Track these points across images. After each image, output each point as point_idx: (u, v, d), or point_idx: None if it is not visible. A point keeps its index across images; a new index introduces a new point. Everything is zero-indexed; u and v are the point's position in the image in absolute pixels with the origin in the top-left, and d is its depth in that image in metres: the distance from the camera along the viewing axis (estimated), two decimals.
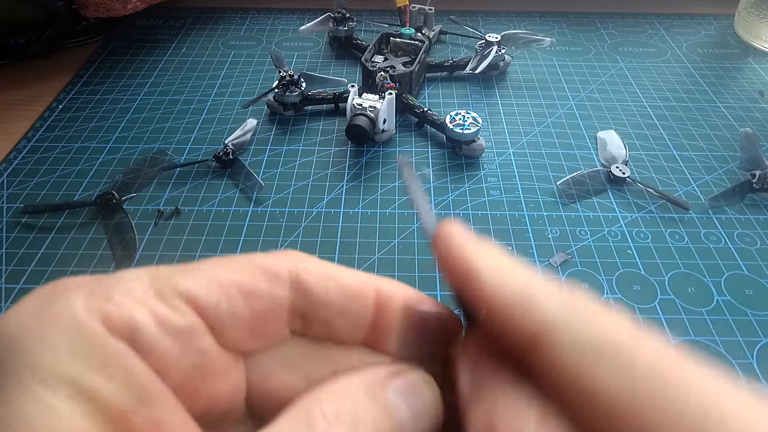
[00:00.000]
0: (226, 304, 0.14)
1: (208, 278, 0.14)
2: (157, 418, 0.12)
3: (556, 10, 0.67)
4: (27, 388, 0.11)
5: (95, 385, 0.11)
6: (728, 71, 0.55)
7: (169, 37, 0.61)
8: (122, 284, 0.13)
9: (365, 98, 0.42)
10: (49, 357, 0.11)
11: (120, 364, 0.12)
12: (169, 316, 0.13)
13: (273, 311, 0.15)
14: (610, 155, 0.43)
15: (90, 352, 0.12)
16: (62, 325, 0.12)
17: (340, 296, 0.15)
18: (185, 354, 0.13)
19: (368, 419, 0.13)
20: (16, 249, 0.36)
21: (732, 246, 0.36)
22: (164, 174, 0.42)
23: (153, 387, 0.12)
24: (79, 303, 0.12)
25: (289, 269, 0.15)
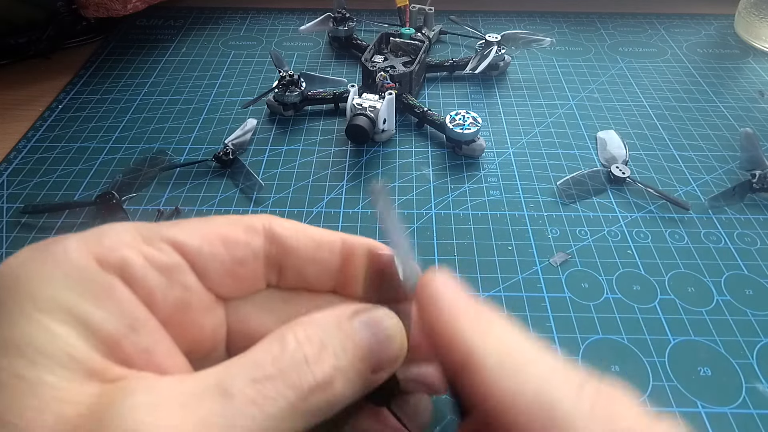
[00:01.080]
0: (207, 248, 0.15)
1: (190, 228, 0.16)
2: (146, 344, 0.13)
3: (556, 10, 0.67)
4: (28, 315, 0.12)
5: (88, 312, 0.13)
6: (728, 71, 0.55)
7: (169, 37, 0.61)
8: (112, 232, 0.14)
9: (365, 98, 0.42)
10: (47, 289, 0.12)
11: (111, 295, 0.13)
12: (155, 254, 0.14)
13: (250, 258, 0.16)
14: (610, 155, 0.43)
15: (83, 284, 0.13)
16: (58, 263, 0.13)
17: (309, 245, 0.17)
18: (171, 288, 0.15)
19: (336, 341, 0.14)
20: (16, 249, 0.36)
21: (732, 246, 0.36)
22: (164, 174, 0.42)
23: (142, 316, 0.14)
24: (73, 245, 0.14)
25: (263, 223, 0.17)
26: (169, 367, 0.14)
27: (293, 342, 0.13)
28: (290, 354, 0.13)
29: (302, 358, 0.13)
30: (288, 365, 0.13)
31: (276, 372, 0.13)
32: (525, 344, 0.12)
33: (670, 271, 0.34)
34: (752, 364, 0.29)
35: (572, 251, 0.36)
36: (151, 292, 0.14)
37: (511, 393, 0.12)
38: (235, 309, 0.17)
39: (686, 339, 0.31)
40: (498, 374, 0.12)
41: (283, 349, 0.13)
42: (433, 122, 0.45)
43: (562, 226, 0.37)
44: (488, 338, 0.13)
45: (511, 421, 0.12)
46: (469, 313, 0.13)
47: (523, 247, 0.36)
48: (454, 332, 0.13)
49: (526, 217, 0.38)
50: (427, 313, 0.15)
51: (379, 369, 0.15)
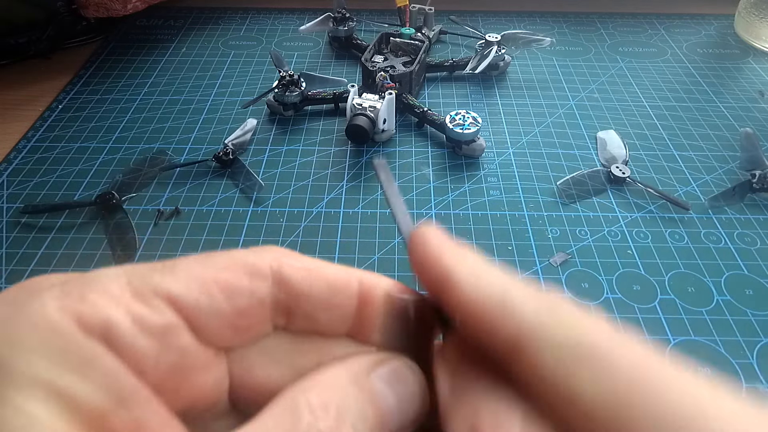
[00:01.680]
0: (206, 301, 0.14)
1: (187, 276, 0.14)
2: (137, 418, 0.12)
3: (556, 10, 0.67)
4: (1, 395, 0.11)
5: (71, 386, 0.11)
6: (728, 71, 0.55)
7: (169, 37, 0.61)
8: (97, 283, 0.13)
9: (365, 98, 0.42)
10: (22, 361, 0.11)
11: (96, 365, 0.12)
12: (146, 314, 0.13)
13: (255, 307, 0.14)
14: (610, 155, 0.43)
15: (64, 353, 0.11)
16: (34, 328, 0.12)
17: (323, 290, 0.15)
18: (164, 352, 0.13)
19: (354, 407, 0.13)
20: (16, 249, 0.36)
21: (732, 246, 0.36)
22: (164, 174, 0.42)
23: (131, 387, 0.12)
24: (51, 304, 0.12)
25: (270, 265, 0.15)
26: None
27: (306, 413, 0.12)
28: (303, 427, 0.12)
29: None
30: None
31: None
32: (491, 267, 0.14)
33: (670, 271, 0.34)
34: (752, 364, 0.29)
35: (572, 251, 0.36)
36: (142, 358, 0.13)
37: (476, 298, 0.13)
38: (239, 357, 0.15)
39: (686, 339, 0.31)
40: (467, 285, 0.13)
41: (296, 420, 0.12)
42: (433, 122, 0.45)
43: (562, 226, 0.37)
44: (462, 262, 0.14)
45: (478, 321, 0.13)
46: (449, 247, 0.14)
47: (523, 247, 0.36)
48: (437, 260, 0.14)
49: (526, 217, 0.38)
50: (417, 253, 0.15)
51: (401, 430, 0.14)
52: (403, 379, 0.14)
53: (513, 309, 0.12)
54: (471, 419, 0.12)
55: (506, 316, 0.12)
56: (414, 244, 0.15)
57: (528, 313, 0.12)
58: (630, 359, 0.11)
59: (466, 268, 0.14)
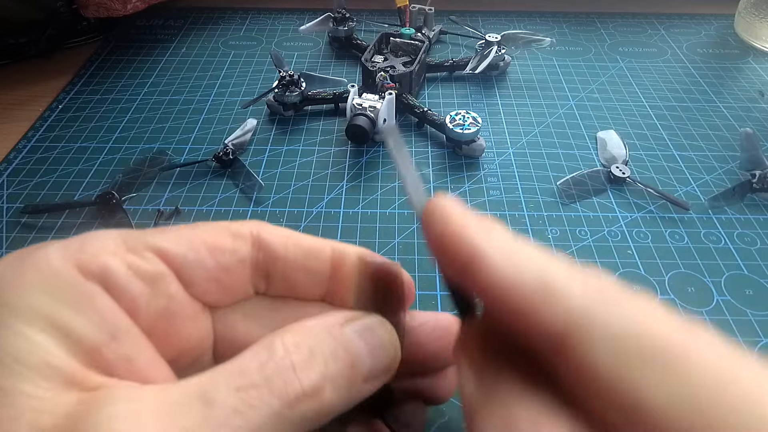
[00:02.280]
0: (192, 255, 0.15)
1: (176, 236, 0.15)
2: (128, 353, 0.13)
3: (556, 10, 0.67)
4: (5, 323, 0.12)
5: (68, 319, 0.12)
6: (728, 71, 0.55)
7: (169, 37, 0.61)
8: (95, 239, 0.14)
9: (365, 98, 0.42)
10: (26, 297, 0.12)
11: (92, 303, 0.13)
12: (139, 262, 0.14)
13: (236, 265, 0.16)
14: (610, 155, 0.43)
15: (63, 291, 0.13)
16: (38, 270, 0.13)
17: (298, 253, 0.16)
18: (154, 297, 0.14)
19: (326, 349, 0.14)
20: (16, 249, 0.36)
21: (732, 246, 0.36)
22: (164, 174, 0.42)
23: (123, 324, 0.13)
24: (54, 253, 0.13)
25: (251, 230, 0.16)
26: (151, 376, 0.13)
27: (281, 349, 0.13)
28: (277, 361, 0.13)
29: (289, 365, 0.13)
30: (274, 372, 0.12)
31: (261, 380, 0.12)
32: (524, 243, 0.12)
33: (670, 271, 0.34)
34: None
35: (572, 251, 0.36)
36: (134, 300, 0.14)
37: (512, 281, 0.11)
38: (222, 317, 0.16)
39: None
40: (500, 266, 0.12)
41: (270, 356, 0.13)
42: (433, 122, 0.45)
43: (562, 226, 0.37)
44: (491, 238, 0.12)
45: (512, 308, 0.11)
46: (473, 221, 0.13)
47: None
48: (461, 236, 0.13)
49: (526, 217, 0.38)
50: (434, 226, 0.13)
51: (371, 378, 0.15)
52: (374, 332, 0.15)
53: (556, 294, 0.11)
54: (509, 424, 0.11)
55: (549, 302, 0.11)
56: (430, 217, 0.14)
57: (575, 299, 0.10)
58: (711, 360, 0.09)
59: (496, 245, 0.12)
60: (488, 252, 0.12)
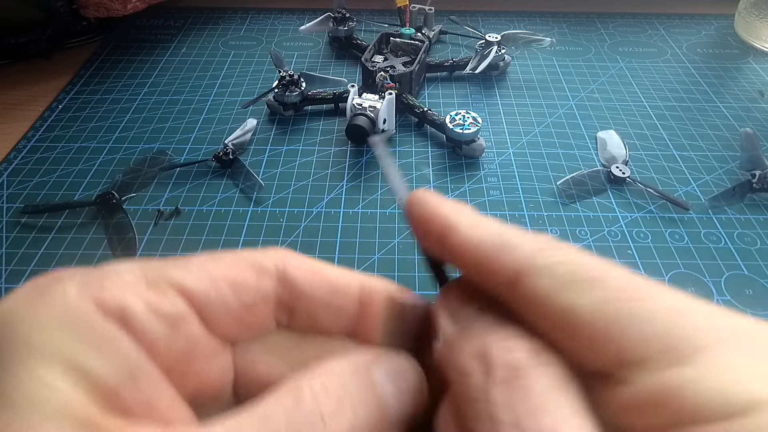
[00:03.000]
0: (215, 293, 0.14)
1: (198, 270, 0.15)
2: (147, 395, 0.13)
3: (556, 10, 0.67)
4: (24, 365, 0.11)
5: (87, 361, 0.12)
6: (728, 71, 0.55)
7: (169, 37, 0.61)
8: (115, 273, 0.14)
9: (365, 98, 0.42)
10: (44, 336, 0.12)
11: (111, 343, 0.12)
12: (159, 302, 0.14)
13: (260, 302, 0.15)
14: (610, 155, 0.43)
15: (82, 331, 0.12)
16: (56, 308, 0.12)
17: (325, 289, 0.16)
18: (174, 338, 0.14)
19: (355, 394, 0.13)
20: (16, 249, 0.36)
21: (732, 246, 0.36)
22: (164, 174, 0.42)
23: (143, 366, 0.13)
24: (72, 289, 0.13)
25: (276, 264, 0.16)
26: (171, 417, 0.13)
27: (308, 396, 0.13)
28: (305, 409, 0.12)
29: (318, 415, 0.12)
30: (302, 422, 0.12)
31: (288, 429, 0.12)
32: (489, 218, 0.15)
33: (670, 271, 0.34)
34: None
35: None
36: (154, 341, 0.13)
37: (476, 241, 0.14)
38: (243, 351, 0.16)
39: None
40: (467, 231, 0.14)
41: (298, 402, 0.13)
42: (433, 122, 0.45)
43: (562, 226, 0.37)
44: (460, 214, 0.15)
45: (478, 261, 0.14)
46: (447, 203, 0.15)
47: None
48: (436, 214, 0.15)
49: (526, 217, 0.38)
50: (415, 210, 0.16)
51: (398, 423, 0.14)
52: (403, 374, 0.15)
53: (511, 247, 0.13)
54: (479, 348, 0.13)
55: (505, 253, 0.13)
56: (412, 203, 0.16)
57: (525, 250, 0.13)
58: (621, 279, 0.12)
59: (465, 217, 0.15)
60: (458, 223, 0.15)
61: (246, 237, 0.37)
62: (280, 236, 0.37)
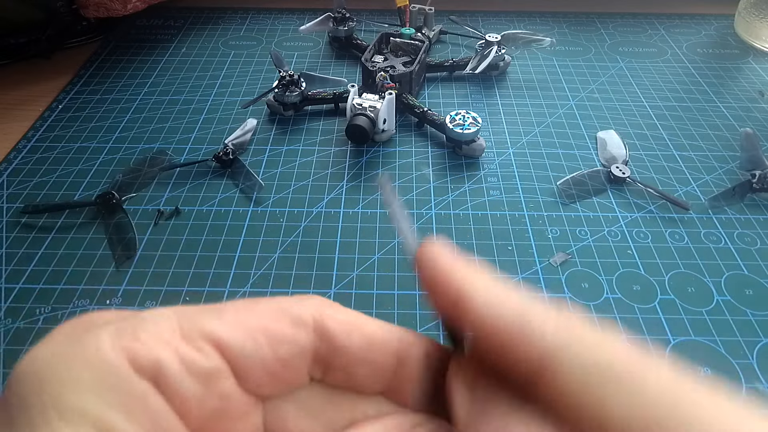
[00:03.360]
0: (251, 347, 0.14)
1: (234, 321, 0.14)
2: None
3: (556, 10, 0.67)
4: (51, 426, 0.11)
5: (118, 424, 0.11)
6: (728, 71, 0.55)
7: (169, 37, 0.61)
8: (149, 323, 0.13)
9: (365, 98, 0.42)
10: (74, 395, 0.11)
11: (144, 405, 0.12)
12: (194, 357, 0.13)
13: (296, 356, 0.14)
14: (610, 155, 0.43)
15: (114, 391, 0.12)
16: (89, 364, 0.12)
17: (363, 344, 0.15)
18: (207, 396, 0.13)
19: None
20: (16, 249, 0.36)
21: (732, 246, 0.36)
22: (164, 174, 0.42)
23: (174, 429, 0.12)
24: (106, 341, 0.12)
25: (313, 315, 0.15)
26: None
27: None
28: None
29: None
30: None
31: None
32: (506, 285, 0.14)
33: (670, 271, 0.34)
34: (752, 364, 0.29)
35: (572, 251, 0.36)
36: (187, 401, 0.13)
37: (494, 319, 0.13)
38: (274, 407, 0.15)
39: (686, 339, 0.31)
40: (484, 306, 0.13)
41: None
42: (433, 122, 0.45)
43: (562, 226, 0.37)
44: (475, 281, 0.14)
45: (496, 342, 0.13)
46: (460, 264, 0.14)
47: (523, 247, 0.36)
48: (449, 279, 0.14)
49: (526, 217, 0.38)
50: (425, 269, 0.15)
51: None
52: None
53: (533, 330, 0.12)
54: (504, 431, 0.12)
55: (527, 337, 0.12)
56: (422, 261, 0.15)
57: (550, 334, 0.12)
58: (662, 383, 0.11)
59: (481, 287, 0.13)
60: (473, 294, 0.13)
61: (246, 237, 0.37)
62: (280, 236, 0.37)
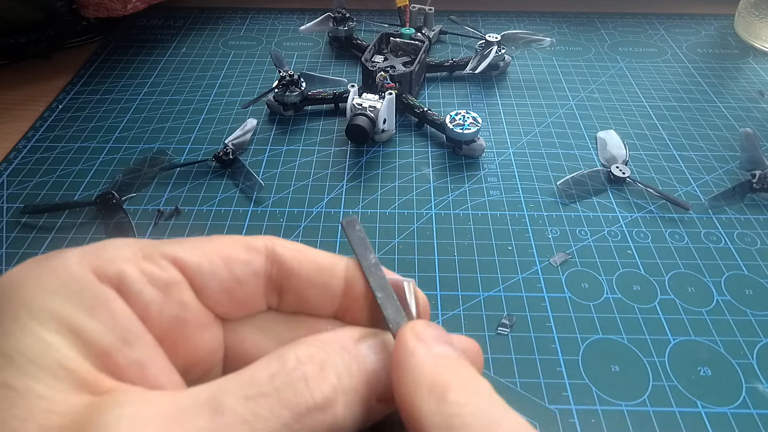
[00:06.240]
0: (206, 265, 0.15)
1: (191, 245, 0.15)
2: (139, 358, 0.13)
3: (556, 10, 0.67)
4: (22, 324, 0.12)
5: (82, 323, 0.12)
6: (728, 71, 0.55)
7: (169, 37, 0.61)
8: (113, 246, 0.15)
9: (365, 98, 0.42)
10: (42, 298, 0.12)
11: (106, 306, 0.13)
12: (154, 270, 0.14)
13: (250, 277, 0.16)
14: (610, 155, 0.43)
15: (79, 295, 0.13)
16: (56, 273, 0.13)
17: (312, 268, 0.16)
18: (167, 304, 0.14)
19: (339, 362, 0.14)
20: (16, 249, 0.36)
21: (732, 246, 0.36)
22: (164, 174, 0.42)
23: (136, 330, 0.13)
24: (71, 258, 0.14)
25: (265, 243, 0.16)
26: (162, 382, 0.13)
27: (293, 360, 0.13)
28: (288, 372, 0.13)
29: (301, 376, 0.13)
30: (285, 383, 0.12)
31: (272, 390, 0.12)
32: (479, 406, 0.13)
33: (670, 271, 0.34)
34: (752, 364, 0.29)
35: (572, 251, 0.36)
36: (147, 306, 0.14)
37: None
38: (233, 330, 0.16)
39: (686, 339, 0.31)
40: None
41: (282, 366, 0.13)
42: (433, 122, 0.45)
43: (562, 226, 0.37)
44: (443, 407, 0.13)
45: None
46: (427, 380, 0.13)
47: (523, 247, 0.36)
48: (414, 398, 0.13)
49: (526, 217, 0.38)
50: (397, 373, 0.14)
51: (384, 398, 0.14)
52: (387, 349, 0.15)
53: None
54: None
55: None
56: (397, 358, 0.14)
57: None
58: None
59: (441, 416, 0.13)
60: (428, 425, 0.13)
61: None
62: (280, 236, 0.37)
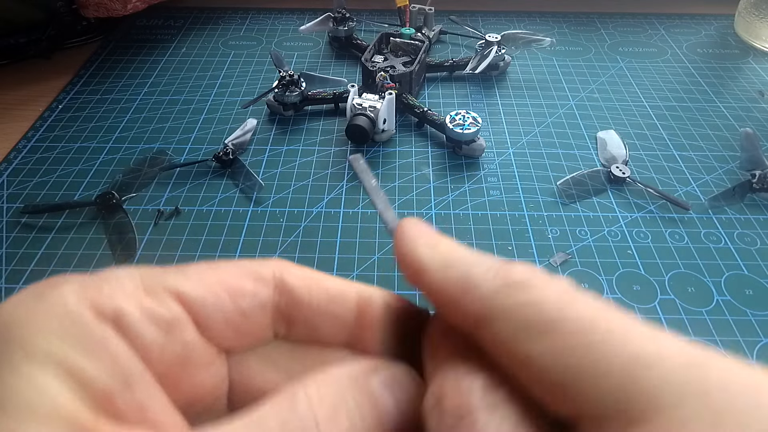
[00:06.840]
0: (211, 299, 0.15)
1: (196, 277, 0.15)
2: (140, 400, 0.13)
3: (556, 10, 0.67)
4: (17, 368, 0.11)
5: (81, 365, 0.12)
6: (728, 71, 0.55)
7: (169, 37, 0.61)
8: (113, 279, 0.14)
9: (365, 98, 0.42)
10: (39, 339, 0.12)
11: (105, 348, 0.13)
12: (155, 307, 0.14)
13: (256, 309, 0.15)
14: (610, 155, 0.43)
15: (77, 335, 0.12)
16: (53, 312, 0.13)
17: (322, 297, 0.16)
18: (169, 344, 0.14)
19: (351, 403, 0.13)
20: (16, 249, 0.36)
21: (732, 246, 0.36)
22: (164, 174, 0.42)
23: (136, 371, 0.13)
24: (70, 293, 0.13)
25: (273, 272, 0.16)
26: (164, 424, 0.13)
27: (304, 401, 0.13)
28: (299, 415, 0.12)
29: (313, 421, 0.12)
30: (296, 427, 0.12)
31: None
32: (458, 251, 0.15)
33: (670, 271, 0.34)
34: (752, 364, 0.29)
35: (572, 251, 0.36)
36: (148, 346, 0.13)
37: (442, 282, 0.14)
38: (239, 362, 0.16)
39: (686, 339, 0.31)
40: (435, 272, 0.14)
41: (292, 409, 0.12)
42: (433, 122, 0.45)
43: (562, 226, 0.37)
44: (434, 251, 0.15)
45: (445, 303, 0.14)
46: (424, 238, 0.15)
47: (523, 247, 0.36)
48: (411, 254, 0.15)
49: (526, 217, 0.38)
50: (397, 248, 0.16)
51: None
52: (401, 384, 0.15)
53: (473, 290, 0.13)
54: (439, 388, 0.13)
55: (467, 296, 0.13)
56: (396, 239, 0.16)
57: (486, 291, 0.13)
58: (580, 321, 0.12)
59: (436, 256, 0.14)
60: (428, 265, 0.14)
61: (246, 237, 0.37)
62: (280, 236, 0.37)
